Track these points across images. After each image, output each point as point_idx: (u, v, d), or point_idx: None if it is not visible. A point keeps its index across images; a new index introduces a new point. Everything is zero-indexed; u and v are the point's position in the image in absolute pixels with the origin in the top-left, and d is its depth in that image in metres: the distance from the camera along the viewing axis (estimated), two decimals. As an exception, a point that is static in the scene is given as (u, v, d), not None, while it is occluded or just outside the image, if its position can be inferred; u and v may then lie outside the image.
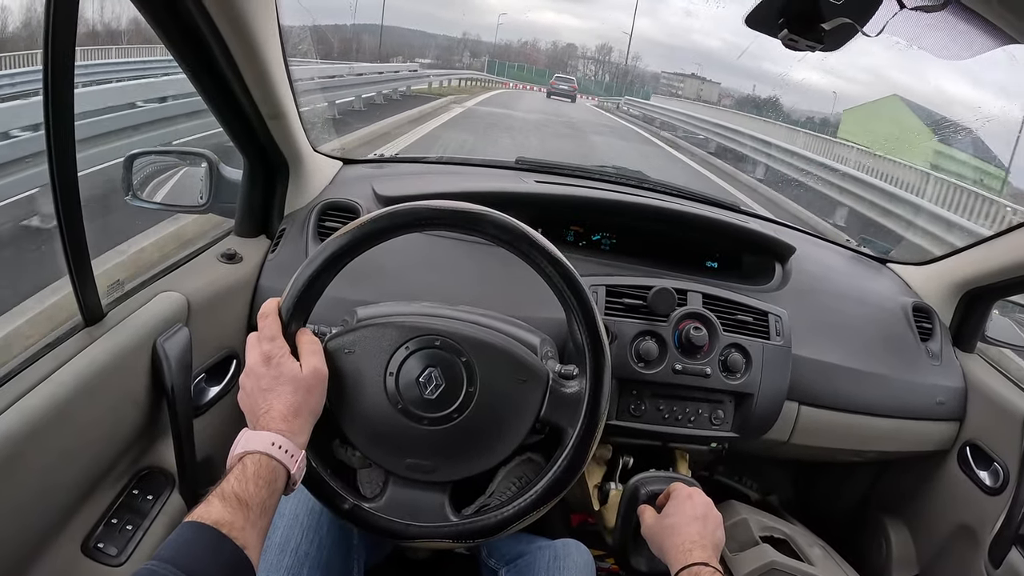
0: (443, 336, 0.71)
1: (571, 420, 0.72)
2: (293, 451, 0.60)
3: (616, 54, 61.73)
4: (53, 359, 0.71)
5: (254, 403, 0.63)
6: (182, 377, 0.85)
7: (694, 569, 0.68)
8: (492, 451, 0.72)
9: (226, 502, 0.53)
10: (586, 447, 0.72)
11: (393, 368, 0.70)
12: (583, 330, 0.72)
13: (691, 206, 1.30)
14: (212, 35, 0.76)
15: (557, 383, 0.73)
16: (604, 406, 0.72)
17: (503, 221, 0.70)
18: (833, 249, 1.47)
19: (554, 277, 0.71)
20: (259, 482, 0.56)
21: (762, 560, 1.05)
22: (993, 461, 1.15)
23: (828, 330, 1.17)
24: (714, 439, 1.06)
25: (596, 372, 0.72)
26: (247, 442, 0.59)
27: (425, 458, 0.71)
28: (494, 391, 0.71)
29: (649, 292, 1.01)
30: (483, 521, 0.71)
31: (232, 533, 0.51)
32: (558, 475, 0.71)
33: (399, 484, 0.72)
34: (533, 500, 0.71)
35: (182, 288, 0.91)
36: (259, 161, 1.05)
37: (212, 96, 0.88)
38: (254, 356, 0.65)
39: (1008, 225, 1.19)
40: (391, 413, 0.70)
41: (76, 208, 0.69)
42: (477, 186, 1.14)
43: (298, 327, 0.68)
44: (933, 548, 1.25)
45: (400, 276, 1.02)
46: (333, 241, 0.68)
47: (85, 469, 0.74)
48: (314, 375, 0.65)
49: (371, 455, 0.72)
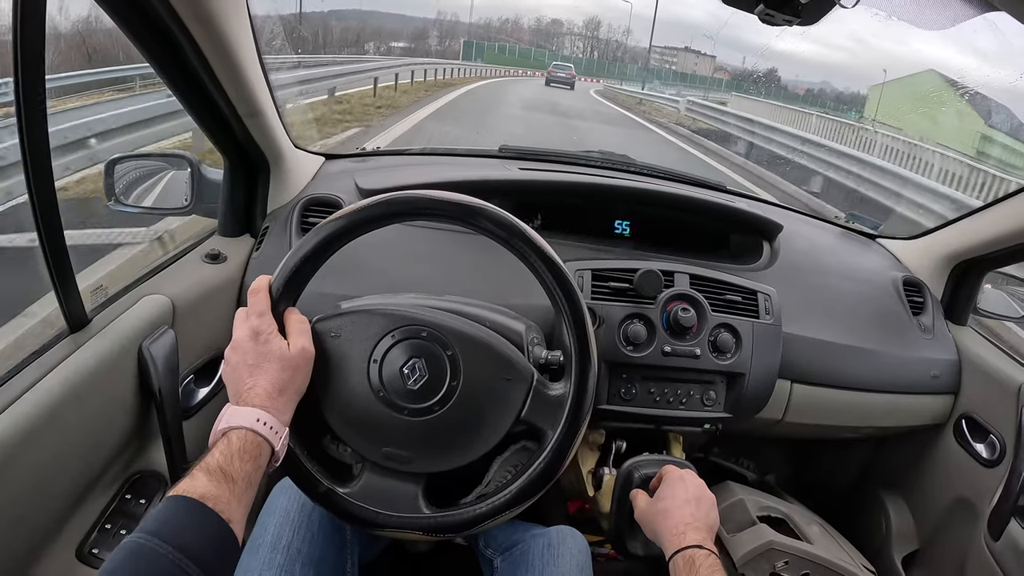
0: (430, 327, 0.71)
1: (552, 423, 0.72)
2: (277, 428, 0.60)
3: (605, 29, 59.23)
4: (39, 367, 0.71)
5: (239, 378, 0.63)
6: (169, 380, 0.84)
7: (688, 552, 0.68)
8: (470, 447, 0.72)
9: (211, 476, 0.53)
10: (565, 451, 0.71)
11: (377, 356, 0.70)
12: (572, 334, 0.72)
13: (677, 187, 1.29)
14: (182, 34, 0.75)
15: (542, 384, 0.72)
16: (587, 412, 0.72)
17: (500, 216, 0.69)
18: (822, 226, 1.46)
19: (547, 277, 0.71)
20: (244, 457, 0.56)
21: (760, 540, 1.05)
22: (989, 433, 1.15)
23: (818, 307, 1.17)
24: (707, 420, 1.06)
25: (581, 377, 0.72)
26: (231, 417, 0.59)
27: (403, 448, 0.71)
28: (477, 387, 0.71)
29: (635, 275, 1.00)
30: (455, 516, 0.71)
31: (218, 507, 0.52)
32: (534, 476, 0.71)
33: (375, 472, 0.72)
34: (507, 499, 0.71)
35: (166, 290, 0.90)
36: (239, 160, 1.04)
37: (186, 96, 0.87)
38: (242, 331, 0.65)
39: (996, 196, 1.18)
40: (372, 400, 0.70)
41: (55, 216, 0.69)
42: (459, 175, 1.14)
43: (286, 307, 0.69)
44: (932, 522, 1.25)
45: (385, 270, 1.01)
46: (328, 224, 0.69)
47: (77, 475, 0.74)
48: (301, 354, 0.65)
49: (349, 441, 0.72)
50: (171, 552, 0.47)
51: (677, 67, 48.36)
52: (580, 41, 59.41)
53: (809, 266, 1.24)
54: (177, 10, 0.71)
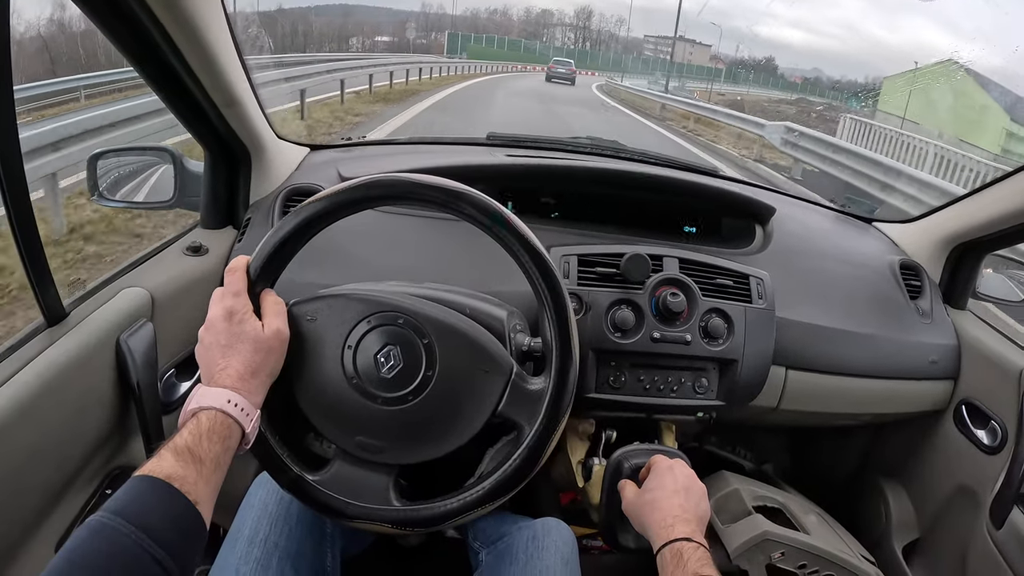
0: (406, 314, 0.69)
1: (529, 418, 0.70)
2: (248, 410, 0.59)
3: (596, 19, 58.15)
4: (15, 361, 0.69)
5: (211, 358, 0.62)
6: (148, 374, 0.83)
7: (676, 545, 0.66)
8: (444, 440, 0.70)
9: (179, 456, 0.53)
10: (542, 448, 0.69)
11: (352, 341, 0.69)
12: (553, 325, 0.70)
13: (666, 172, 1.27)
14: (152, 23, 0.74)
15: (520, 377, 0.70)
16: (566, 408, 0.70)
17: (482, 201, 0.68)
18: (816, 210, 1.44)
19: (529, 266, 0.69)
20: (213, 438, 0.55)
21: (755, 531, 1.03)
22: (990, 419, 1.12)
23: (813, 291, 1.15)
24: (699, 408, 1.04)
25: (561, 371, 0.70)
26: (201, 398, 0.58)
27: (375, 438, 0.69)
28: (453, 378, 0.69)
29: (622, 259, 0.98)
30: (425, 511, 0.70)
31: (184, 487, 0.51)
32: (508, 473, 0.69)
33: (346, 461, 0.71)
34: (479, 495, 0.70)
35: (145, 283, 0.89)
36: (220, 151, 1.03)
37: (161, 86, 0.86)
38: (216, 310, 0.64)
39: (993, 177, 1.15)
40: (345, 387, 0.68)
41: (28, 209, 0.68)
42: (445, 161, 1.12)
43: (263, 288, 0.68)
44: (933, 510, 1.23)
45: (366, 259, 1.00)
46: (308, 206, 0.68)
47: (55, 471, 0.73)
48: (276, 336, 0.64)
49: (321, 427, 0.70)
50: (134, 532, 0.46)
51: (672, 56, 47.59)
52: (571, 32, 58.15)
53: (803, 250, 1.21)
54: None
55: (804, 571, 1.02)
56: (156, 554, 0.46)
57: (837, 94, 28.03)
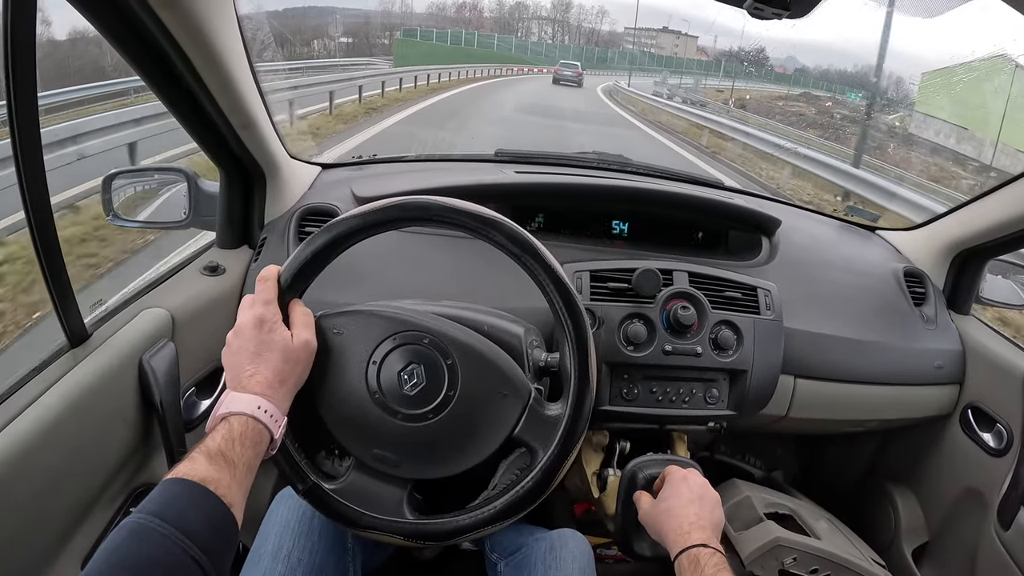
0: (432, 335, 0.71)
1: (544, 443, 0.71)
2: (277, 416, 0.61)
3: (575, 12, 52.64)
4: (40, 383, 0.71)
5: (239, 363, 0.63)
6: (170, 392, 0.85)
7: (693, 551, 0.68)
8: (460, 459, 0.72)
9: (212, 460, 0.53)
10: (554, 472, 0.71)
11: (377, 358, 0.70)
12: (574, 358, 0.71)
13: (673, 186, 1.29)
14: (172, 48, 0.75)
15: (538, 402, 0.72)
16: (580, 435, 0.72)
17: (514, 231, 0.69)
18: (820, 220, 1.45)
19: (555, 298, 0.71)
20: (245, 442, 0.56)
21: (767, 537, 1.04)
22: (996, 422, 1.14)
23: (819, 301, 1.16)
24: (711, 418, 1.05)
25: (578, 401, 0.71)
26: (232, 403, 0.59)
27: (393, 452, 0.71)
28: (473, 399, 0.70)
29: (634, 274, 1.00)
30: (436, 525, 0.71)
31: (219, 490, 0.51)
32: (521, 494, 0.71)
33: (362, 472, 0.72)
34: (491, 514, 0.71)
35: (166, 303, 0.91)
36: (235, 172, 1.04)
37: (180, 110, 0.88)
38: (247, 316, 0.65)
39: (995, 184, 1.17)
40: (367, 401, 0.70)
41: (52, 231, 0.69)
42: (455, 180, 1.13)
43: (292, 298, 0.69)
44: (941, 514, 1.24)
45: (383, 278, 1.01)
46: (342, 222, 0.69)
47: (80, 490, 0.74)
48: (304, 347, 0.66)
49: (340, 438, 0.72)
50: (173, 533, 0.47)
51: (656, 50, 45.24)
52: (548, 26, 53.15)
53: (809, 260, 1.23)
54: (166, 24, 0.72)
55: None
56: (196, 555, 0.47)
57: (829, 85, 27.51)
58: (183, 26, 0.73)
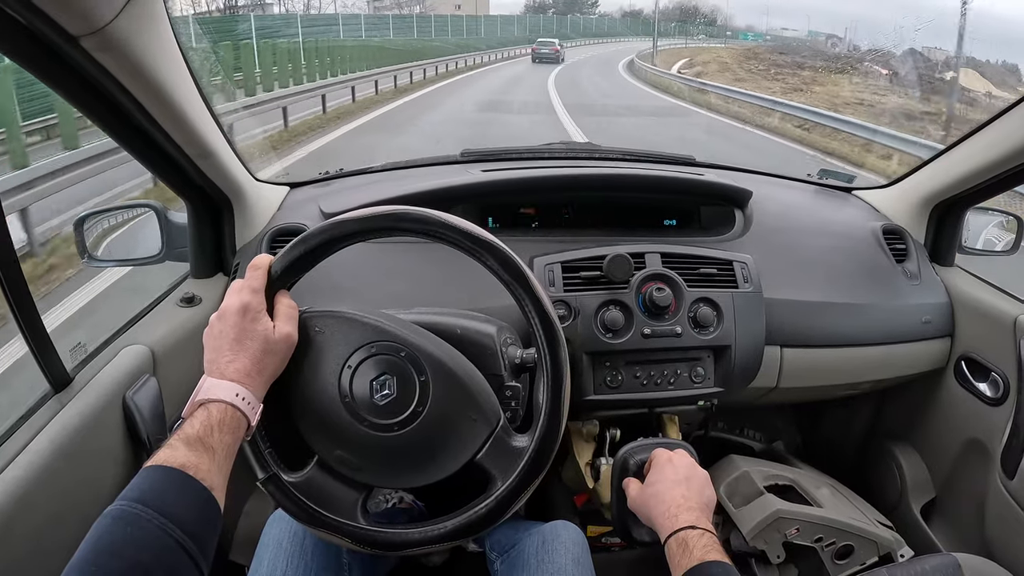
0: (409, 348, 0.71)
1: (504, 473, 0.71)
2: (254, 403, 0.61)
3: None
4: (28, 430, 0.72)
5: (219, 347, 0.63)
6: (157, 427, 0.85)
7: (681, 534, 0.67)
8: (420, 474, 0.72)
9: (191, 446, 0.54)
10: (510, 503, 0.71)
11: (353, 363, 0.70)
12: (547, 392, 0.71)
13: (641, 168, 1.28)
14: (117, 89, 0.75)
15: (505, 431, 0.72)
16: (543, 468, 0.71)
17: (507, 257, 0.69)
18: (794, 186, 1.44)
19: (538, 329, 0.71)
20: (224, 428, 0.57)
21: (767, 510, 1.04)
22: (991, 371, 1.13)
23: (799, 268, 1.16)
24: (699, 397, 1.05)
25: (546, 436, 0.71)
26: (210, 390, 0.59)
27: (355, 456, 0.71)
28: (441, 418, 0.70)
29: (604, 261, 1.00)
30: (386, 535, 0.71)
31: (199, 475, 0.52)
32: (472, 519, 0.71)
33: (323, 470, 0.73)
34: (440, 533, 0.71)
35: (145, 339, 0.91)
36: (199, 201, 1.04)
37: (134, 147, 0.87)
38: (232, 301, 0.65)
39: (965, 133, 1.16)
40: (337, 404, 0.70)
41: (21, 280, 0.70)
42: (421, 186, 1.13)
43: (280, 290, 0.70)
44: (946, 468, 1.24)
45: (358, 289, 1.01)
46: (340, 224, 0.69)
47: (76, 532, 0.73)
48: (284, 340, 0.66)
49: (306, 435, 0.72)
50: (156, 517, 0.47)
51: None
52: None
53: (785, 228, 1.22)
54: (106, 66, 0.71)
55: (821, 544, 1.03)
56: (180, 539, 0.47)
57: (772, 41, 26.73)
58: (123, 66, 0.72)
